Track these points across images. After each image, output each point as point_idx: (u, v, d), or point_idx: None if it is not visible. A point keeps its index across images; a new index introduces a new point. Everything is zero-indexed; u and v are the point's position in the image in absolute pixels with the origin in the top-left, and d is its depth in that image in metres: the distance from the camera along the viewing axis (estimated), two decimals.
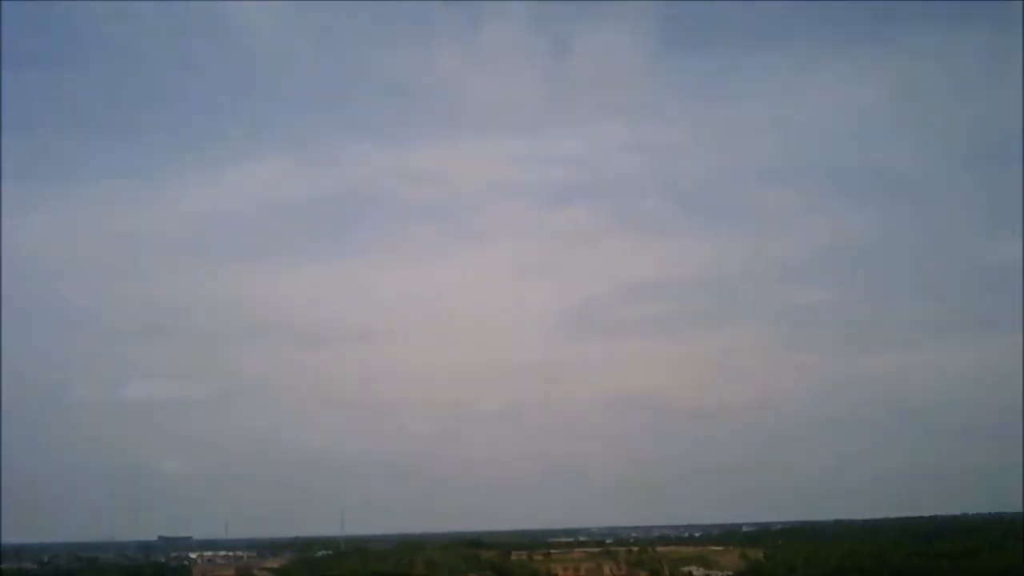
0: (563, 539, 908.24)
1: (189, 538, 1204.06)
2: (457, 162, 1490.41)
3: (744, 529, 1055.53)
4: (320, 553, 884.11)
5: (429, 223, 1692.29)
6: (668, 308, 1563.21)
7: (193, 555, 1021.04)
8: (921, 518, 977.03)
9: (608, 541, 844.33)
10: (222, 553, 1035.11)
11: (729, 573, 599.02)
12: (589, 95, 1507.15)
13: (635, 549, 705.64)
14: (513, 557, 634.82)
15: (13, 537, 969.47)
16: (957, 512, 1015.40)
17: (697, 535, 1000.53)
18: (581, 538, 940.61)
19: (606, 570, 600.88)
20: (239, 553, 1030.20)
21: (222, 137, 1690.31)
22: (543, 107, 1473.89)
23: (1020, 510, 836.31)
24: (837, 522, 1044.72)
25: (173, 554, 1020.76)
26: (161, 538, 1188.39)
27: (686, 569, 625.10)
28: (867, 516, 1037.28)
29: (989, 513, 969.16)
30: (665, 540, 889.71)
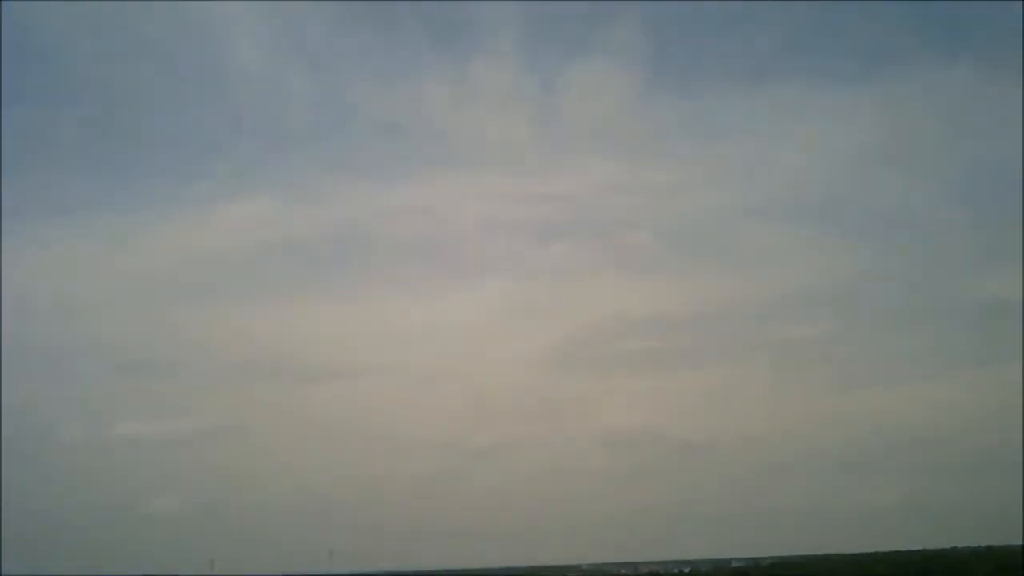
0: (551, 574, 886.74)
1: None
2: (448, 199, 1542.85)
3: (733, 564, 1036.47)
4: None
5: (420, 261, 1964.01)
6: (657, 344, 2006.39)
7: None
8: (912, 551, 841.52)
9: None
10: None
11: None
12: (578, 133, 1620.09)
13: None
14: None
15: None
16: (947, 546, 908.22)
17: (686, 570, 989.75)
18: (569, 574, 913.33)
19: None
20: None
21: (212, 175, 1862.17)
22: (533, 145, 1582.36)
23: (1012, 542, 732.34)
24: (827, 556, 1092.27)
25: None
26: None
27: None
28: (857, 550, 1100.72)
29: (980, 546, 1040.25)
30: (654, 575, 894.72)
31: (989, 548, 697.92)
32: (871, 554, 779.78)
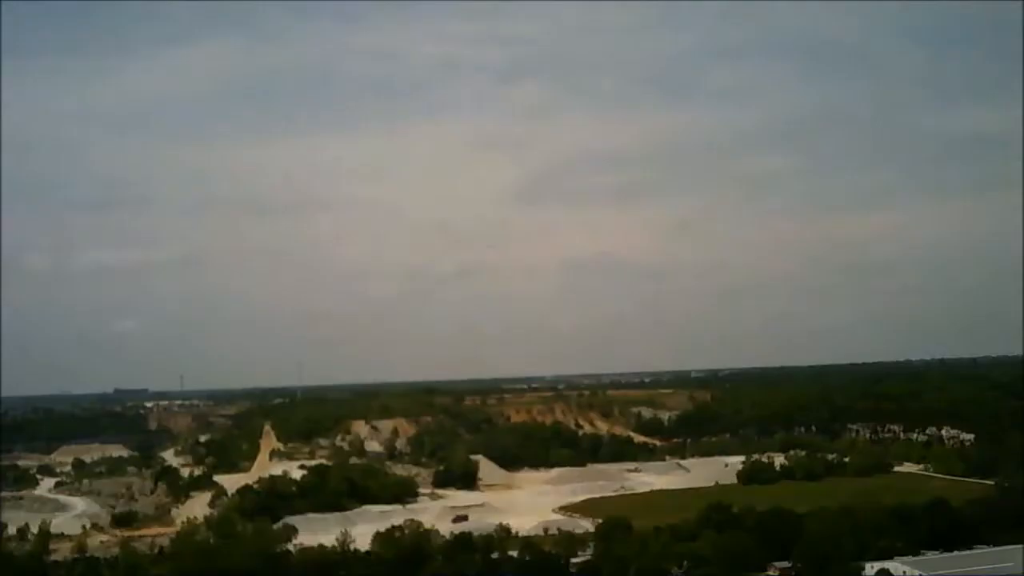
0: (515, 386, 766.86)
1: (145, 391, 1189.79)
2: (412, 39, 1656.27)
3: (693, 375, 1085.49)
4: (276, 401, 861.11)
5: (384, 99, 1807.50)
6: (622, 179, 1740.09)
7: (149, 404, 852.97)
8: (866, 364, 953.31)
9: (560, 387, 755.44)
10: (178, 403, 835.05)
11: (677, 413, 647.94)
12: None
13: (586, 393, 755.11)
14: (466, 402, 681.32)
15: None
16: (901, 359, 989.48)
17: (647, 381, 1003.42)
18: (534, 384, 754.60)
19: (557, 412, 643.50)
20: (196, 402, 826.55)
21: (173, 18, 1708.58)
22: None
23: (962, 356, 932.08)
24: (783, 368, 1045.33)
25: (129, 404, 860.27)
26: (117, 391, 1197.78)
27: (635, 410, 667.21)
28: (814, 362, 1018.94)
29: (932, 359, 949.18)
30: (616, 385, 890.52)
31: (941, 361, 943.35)
32: (827, 366, 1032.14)
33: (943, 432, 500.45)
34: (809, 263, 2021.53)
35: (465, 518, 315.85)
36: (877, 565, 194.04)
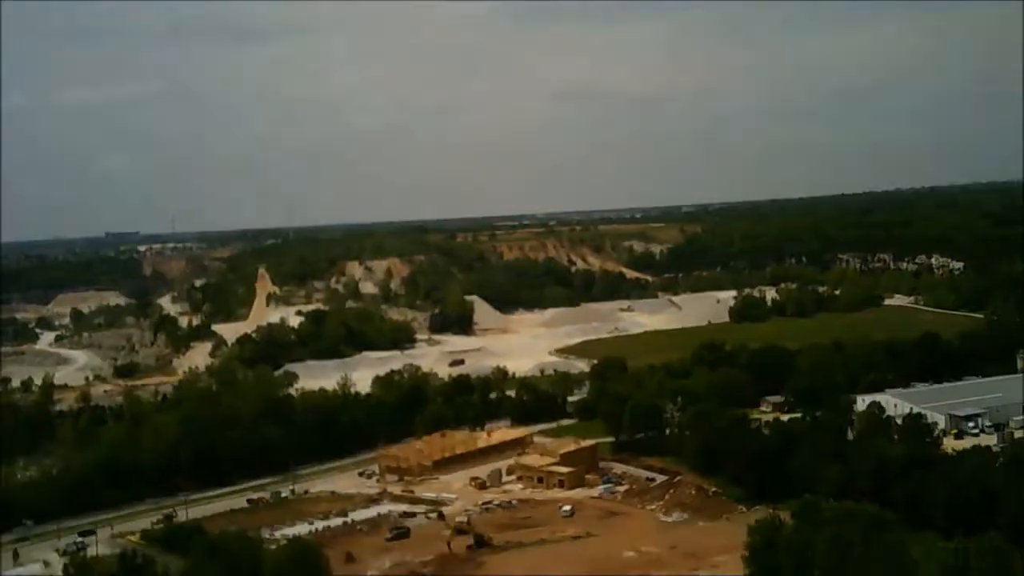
0: (507, 223, 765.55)
1: (136, 234, 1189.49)
2: None
3: (684, 209, 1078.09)
4: (269, 242, 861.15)
5: None
6: None
7: (142, 248, 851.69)
8: (856, 194, 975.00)
9: (551, 223, 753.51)
10: (171, 246, 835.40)
11: (668, 246, 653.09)
12: None
13: (578, 228, 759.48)
14: (458, 239, 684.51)
15: None
16: (891, 188, 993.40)
17: (638, 216, 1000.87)
18: (525, 222, 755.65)
19: (549, 248, 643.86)
20: (188, 245, 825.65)
21: None
22: None
23: (954, 183, 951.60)
24: (774, 200, 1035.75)
25: (122, 248, 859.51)
26: (109, 235, 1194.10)
27: (627, 244, 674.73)
28: (804, 194, 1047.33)
29: (922, 187, 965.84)
30: (607, 220, 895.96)
31: (932, 189, 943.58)
32: (817, 198, 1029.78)
33: (933, 261, 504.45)
34: (800, 88, 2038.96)
35: (461, 362, 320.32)
36: (868, 397, 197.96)
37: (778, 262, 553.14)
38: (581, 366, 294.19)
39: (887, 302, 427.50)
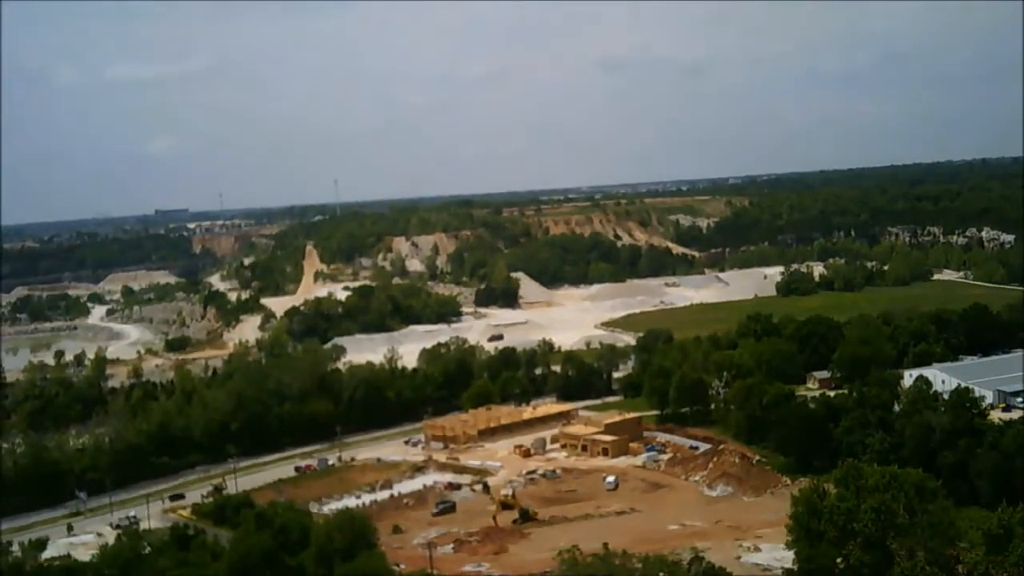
0: (553, 197, 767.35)
1: (185, 211, 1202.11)
2: None
3: (731, 181, 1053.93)
4: (316, 218, 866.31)
5: None
6: None
7: (191, 226, 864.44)
8: (905, 165, 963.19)
9: (597, 196, 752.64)
10: (219, 223, 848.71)
11: (715, 220, 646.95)
12: None
13: (623, 202, 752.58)
14: (504, 214, 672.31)
15: (13, 218, 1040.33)
16: (942, 159, 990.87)
17: (684, 188, 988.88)
18: (571, 195, 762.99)
19: (595, 223, 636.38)
20: (236, 222, 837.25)
21: None
22: None
23: (1004, 155, 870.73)
24: (822, 172, 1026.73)
25: (171, 226, 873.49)
26: (158, 212, 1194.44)
27: (673, 218, 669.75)
28: (852, 165, 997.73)
29: (973, 159, 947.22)
30: (653, 194, 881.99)
31: (984, 160, 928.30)
32: (866, 169, 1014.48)
33: (983, 234, 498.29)
34: (850, 56, 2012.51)
35: (500, 337, 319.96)
36: (915, 372, 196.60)
37: (826, 236, 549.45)
38: (627, 339, 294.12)
39: (936, 277, 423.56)
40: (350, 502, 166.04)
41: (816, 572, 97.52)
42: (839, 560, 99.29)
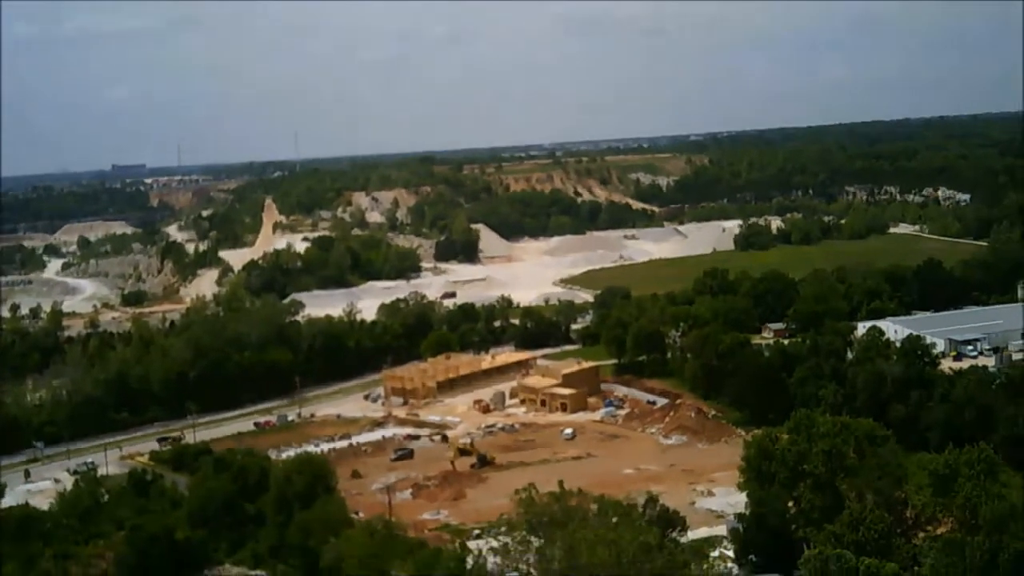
0: (514, 153, 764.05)
1: (142, 166, 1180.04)
2: None
3: (692, 138, 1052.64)
4: (275, 174, 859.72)
5: None
6: None
7: (148, 181, 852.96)
8: (865, 123, 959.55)
9: (558, 153, 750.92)
10: (177, 179, 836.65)
11: (675, 178, 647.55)
12: None
13: (584, 159, 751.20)
14: (465, 171, 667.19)
15: None
16: (900, 117, 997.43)
17: (645, 145, 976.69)
18: (532, 152, 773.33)
19: (556, 180, 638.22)
20: (194, 178, 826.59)
21: None
22: None
23: (961, 113, 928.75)
24: (783, 129, 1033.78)
25: (128, 181, 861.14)
26: (115, 167, 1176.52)
27: (634, 176, 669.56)
28: (812, 123, 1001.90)
29: (932, 117, 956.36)
30: (614, 151, 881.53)
31: (942, 118, 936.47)
32: (825, 127, 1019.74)
33: (939, 193, 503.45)
34: (810, 17, 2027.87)
35: (453, 295, 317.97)
36: (868, 324, 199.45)
37: (785, 194, 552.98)
38: (585, 296, 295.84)
39: (892, 230, 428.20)
40: (309, 450, 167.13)
41: (767, 514, 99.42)
42: (790, 502, 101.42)
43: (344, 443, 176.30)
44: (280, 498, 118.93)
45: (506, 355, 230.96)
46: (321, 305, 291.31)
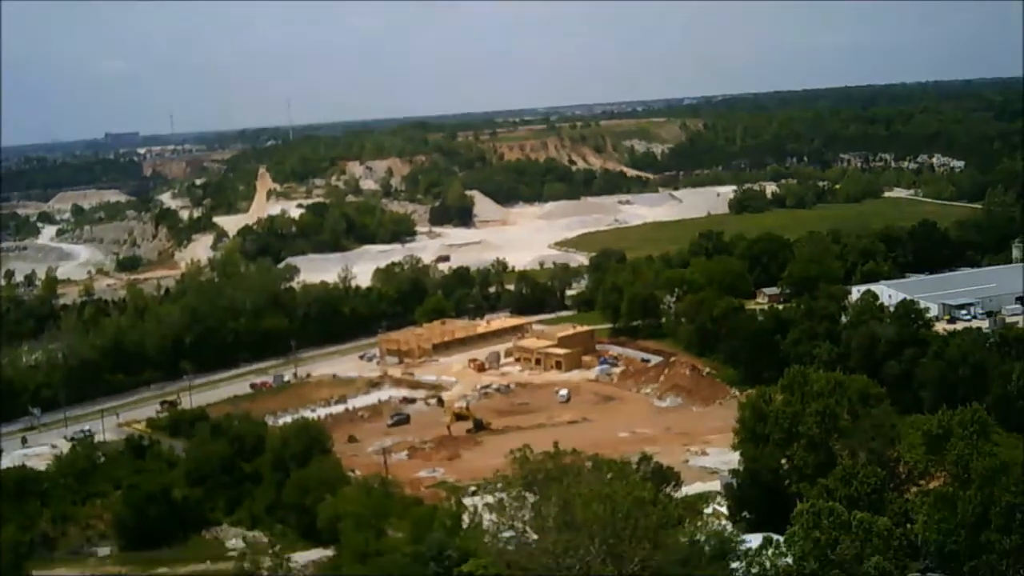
0: (508, 119, 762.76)
1: (135, 134, 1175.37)
2: None
3: (686, 103, 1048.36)
4: (269, 143, 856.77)
5: None
6: None
7: (142, 151, 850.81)
8: (859, 87, 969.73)
9: (552, 118, 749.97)
10: (170, 148, 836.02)
11: (670, 146, 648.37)
12: None
13: (579, 125, 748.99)
14: (459, 138, 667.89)
15: None
16: (895, 81, 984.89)
17: (639, 110, 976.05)
18: (526, 117, 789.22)
19: (551, 147, 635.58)
20: (187, 147, 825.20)
21: None
22: None
23: (956, 77, 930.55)
24: (777, 92, 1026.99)
25: (122, 151, 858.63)
26: (108, 136, 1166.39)
27: (628, 143, 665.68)
28: (807, 86, 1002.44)
29: (926, 81, 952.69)
30: (609, 115, 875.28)
31: (936, 83, 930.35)
32: (820, 90, 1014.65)
33: (934, 160, 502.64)
34: None
35: (447, 258, 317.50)
36: (863, 288, 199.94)
37: (779, 161, 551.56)
38: (580, 259, 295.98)
39: (887, 194, 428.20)
40: (305, 415, 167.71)
41: (761, 470, 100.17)
42: (783, 461, 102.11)
43: (340, 408, 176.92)
44: (276, 459, 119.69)
45: (501, 320, 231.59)
46: (316, 270, 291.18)
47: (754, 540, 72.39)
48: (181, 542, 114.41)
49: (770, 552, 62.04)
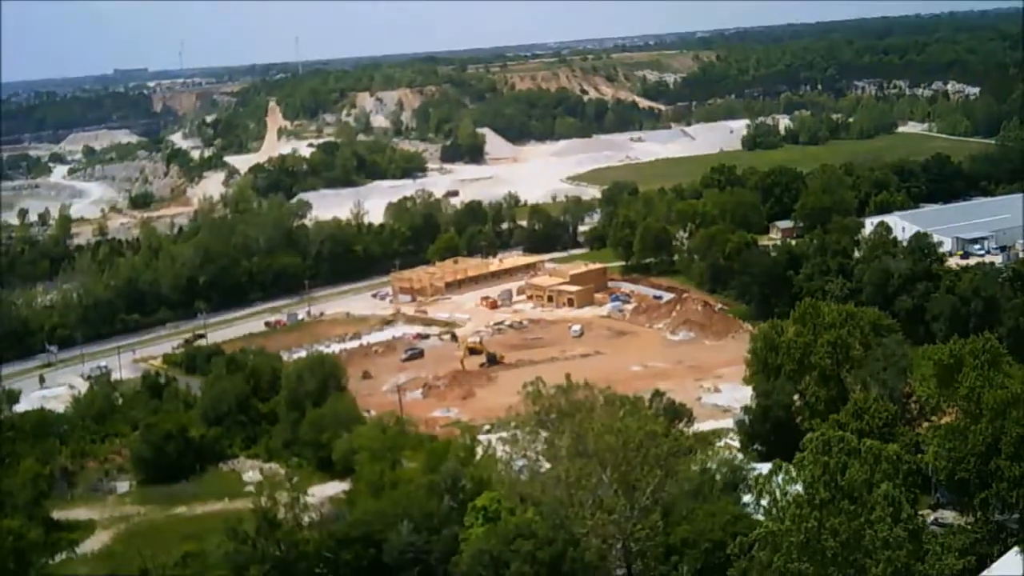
0: (519, 54, 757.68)
1: (144, 70, 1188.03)
2: None
3: (698, 35, 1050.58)
4: (278, 76, 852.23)
5: None
6: None
7: (151, 85, 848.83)
8: (873, 18, 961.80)
9: (564, 52, 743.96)
10: (180, 81, 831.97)
11: (682, 75, 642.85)
12: None
13: (590, 57, 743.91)
14: (469, 70, 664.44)
15: None
16: (910, 12, 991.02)
17: (652, 43, 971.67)
18: (537, 51, 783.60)
19: (562, 78, 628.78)
20: (197, 80, 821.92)
21: None
22: None
23: (971, 8, 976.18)
24: (791, 25, 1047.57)
25: (131, 85, 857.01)
26: (117, 71, 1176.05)
27: (640, 73, 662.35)
28: (820, 19, 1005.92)
29: (941, 13, 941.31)
30: (621, 48, 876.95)
31: (951, 14, 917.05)
32: (833, 22, 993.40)
33: (948, 87, 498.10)
34: None
35: (456, 194, 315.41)
36: (876, 219, 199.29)
37: (793, 90, 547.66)
38: (593, 192, 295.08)
39: (900, 129, 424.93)
40: (320, 351, 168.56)
41: (772, 406, 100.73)
42: (795, 397, 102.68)
43: (354, 343, 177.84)
44: (292, 397, 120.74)
45: (513, 259, 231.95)
46: (328, 206, 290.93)
47: (764, 469, 73.08)
48: (199, 476, 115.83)
49: (780, 478, 62.59)
